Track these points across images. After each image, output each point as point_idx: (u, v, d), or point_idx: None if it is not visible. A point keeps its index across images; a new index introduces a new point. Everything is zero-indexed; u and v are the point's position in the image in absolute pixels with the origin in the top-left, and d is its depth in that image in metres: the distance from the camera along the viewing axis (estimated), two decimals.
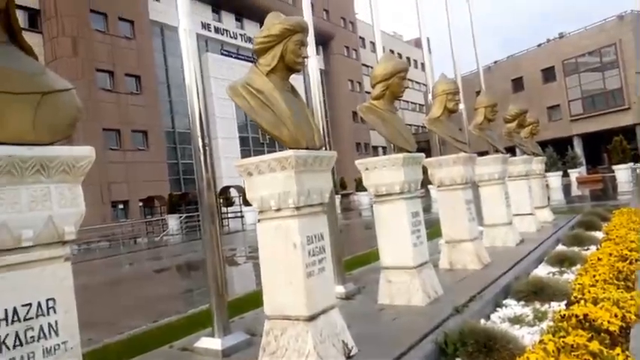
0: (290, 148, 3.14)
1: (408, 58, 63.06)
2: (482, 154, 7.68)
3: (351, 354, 3.20)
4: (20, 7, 26.78)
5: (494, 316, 4.22)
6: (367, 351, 3.27)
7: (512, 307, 4.44)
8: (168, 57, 35.82)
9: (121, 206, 30.18)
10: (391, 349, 3.28)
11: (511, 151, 8.99)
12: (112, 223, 26.55)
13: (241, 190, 26.91)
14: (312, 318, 3.05)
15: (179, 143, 36.06)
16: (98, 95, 28.71)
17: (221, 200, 26.67)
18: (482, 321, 4.01)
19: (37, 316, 1.77)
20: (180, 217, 27.13)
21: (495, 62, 50.20)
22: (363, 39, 58.74)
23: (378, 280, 4.78)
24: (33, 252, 1.80)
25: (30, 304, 1.75)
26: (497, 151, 7.70)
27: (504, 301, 4.61)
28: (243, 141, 39.99)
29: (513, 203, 8.10)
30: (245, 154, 38.18)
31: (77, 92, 2.21)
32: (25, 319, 1.73)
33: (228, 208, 28.20)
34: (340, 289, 5.12)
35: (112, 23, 30.67)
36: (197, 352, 3.73)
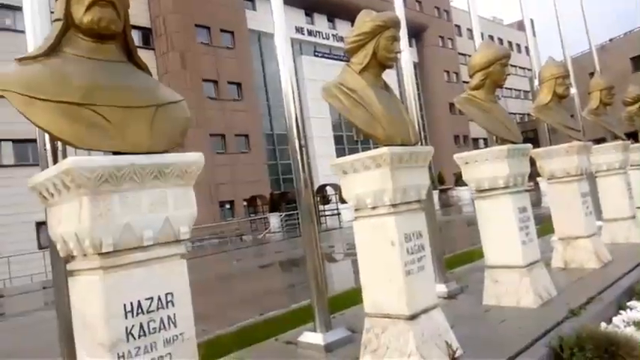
0: (385, 145, 3.11)
1: (510, 43, 59.15)
2: (598, 141, 6.98)
3: (456, 355, 3.09)
4: (135, 27, 29.66)
5: (616, 320, 3.82)
6: (473, 353, 3.13)
7: (638, 309, 3.98)
8: (265, 62, 37.38)
9: (227, 206, 32.17)
10: (499, 352, 3.11)
11: (632, 136, 8.05)
12: (220, 222, 28.40)
13: (337, 188, 27.28)
14: (413, 317, 3.00)
15: (277, 144, 37.48)
16: (205, 104, 30.84)
17: (318, 198, 27.28)
18: (603, 324, 3.64)
19: (158, 309, 1.95)
20: (281, 215, 28.22)
21: (611, 40, 45.15)
22: (459, 27, 56.25)
23: (482, 279, 4.56)
24: (153, 250, 1.99)
25: (152, 298, 1.94)
26: (616, 137, 6.94)
27: (628, 303, 4.15)
28: (338, 140, 40.44)
29: (635, 194, 7.26)
30: (340, 152, 38.59)
31: (186, 102, 2.40)
32: (147, 312, 1.92)
33: (325, 206, 28.72)
34: (442, 288, 4.96)
35: (214, 35, 32.75)
36: (301, 346, 3.86)
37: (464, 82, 51.22)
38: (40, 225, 22.47)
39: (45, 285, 17.40)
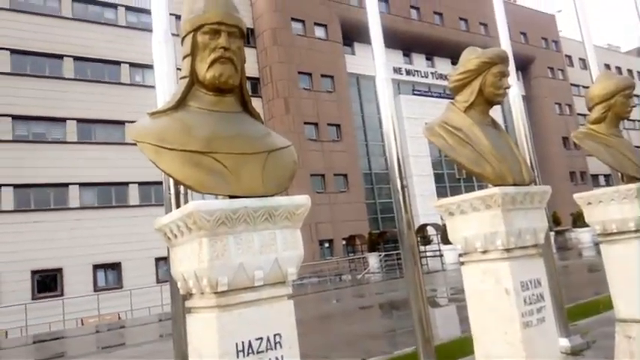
0: (495, 185, 2.95)
1: (630, 71, 54.07)
2: None
3: None
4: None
5: None
6: None
7: None
8: (363, 104, 38.15)
9: (326, 244, 32.53)
10: None
11: None
12: (320, 260, 28.71)
13: (439, 228, 26.29)
14: None
15: (376, 183, 37.45)
16: (306, 145, 32.08)
17: (418, 239, 26.47)
18: None
19: (267, 349, 1.99)
20: (380, 255, 27.78)
21: None
22: (569, 57, 52.85)
23: (611, 333, 4.02)
24: (263, 290, 2.05)
25: (261, 339, 1.99)
26: None
27: None
28: (438, 178, 39.37)
29: None
30: (440, 191, 37.42)
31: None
32: (257, 352, 1.97)
33: (426, 247, 27.77)
34: (564, 343, 4.47)
35: (315, 81, 34.34)
36: None
37: (579, 114, 47.46)
38: (159, 260, 24.51)
39: (161, 317, 18.74)
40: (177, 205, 2.94)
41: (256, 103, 32.30)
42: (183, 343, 2.58)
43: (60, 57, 24.98)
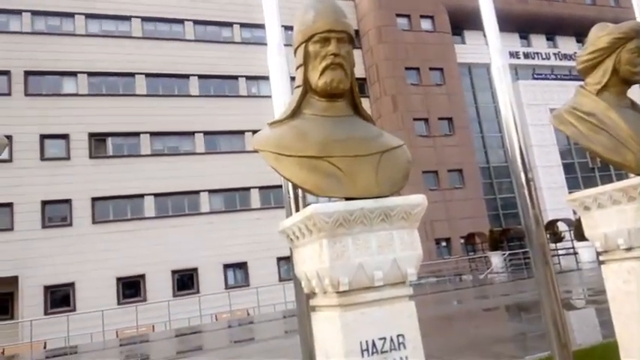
0: (637, 175, 2.62)
1: None
2: None
3: None
4: None
5: None
6: None
7: None
8: (477, 94, 36.28)
9: (443, 243, 31.50)
10: None
11: None
12: (437, 260, 27.88)
13: (571, 224, 23.95)
14: None
15: (495, 178, 35.34)
16: (416, 142, 31.41)
17: (547, 235, 24.37)
18: None
19: (391, 349, 2.00)
20: (504, 254, 26.12)
21: None
22: None
23: None
24: (384, 291, 2.07)
25: (384, 339, 2.00)
26: None
27: None
28: (568, 168, 35.86)
29: None
30: (571, 182, 34.10)
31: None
32: (381, 352, 1.99)
33: (557, 244, 25.45)
34: None
35: (424, 75, 33.49)
36: None
37: None
38: (280, 260, 25.83)
39: (285, 314, 19.72)
40: (297, 208, 3.09)
41: (364, 103, 32.19)
42: (309, 340, 2.70)
43: (187, 77, 27.64)
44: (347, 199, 2.18)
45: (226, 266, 25.55)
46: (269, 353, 10.36)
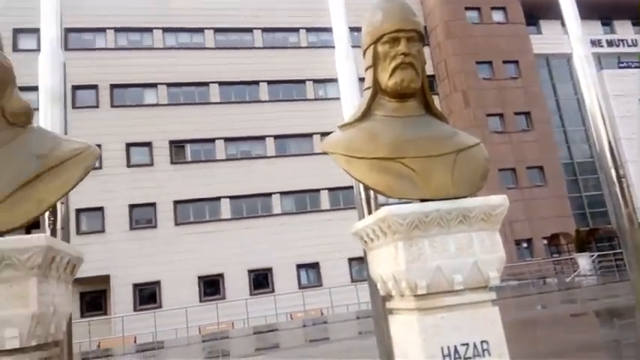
0: None
1: None
2: None
3: None
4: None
5: None
6: None
7: None
8: (557, 86, 34.14)
9: (524, 245, 29.92)
10: None
11: None
12: (518, 262, 26.51)
13: None
14: None
15: (580, 174, 33.01)
16: (491, 138, 30.10)
17: None
18: None
19: (474, 356, 1.93)
20: (592, 255, 24.31)
21: None
22: None
23: None
24: (464, 295, 2.00)
25: (467, 345, 1.94)
26: None
27: None
28: None
29: None
30: None
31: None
32: (464, 358, 1.92)
33: None
34: None
35: (497, 68, 32.05)
36: None
37: None
38: (352, 261, 25.86)
39: (358, 315, 19.69)
40: (369, 210, 3.08)
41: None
42: (386, 342, 2.68)
43: (257, 83, 28.53)
44: (421, 200, 2.14)
45: (299, 266, 26.01)
46: (345, 353, 10.39)
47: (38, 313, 1.85)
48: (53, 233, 2.62)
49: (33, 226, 2.29)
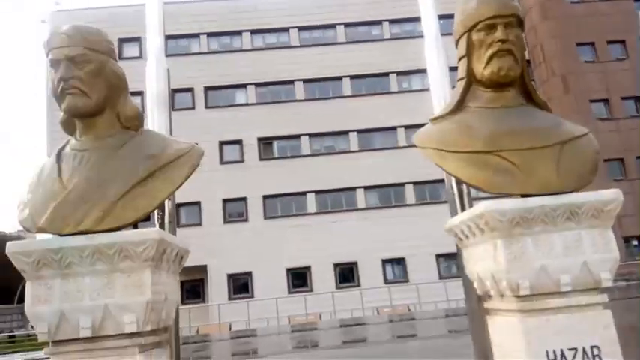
0: None
1: None
2: None
3: None
4: None
5: None
6: None
7: None
8: None
9: (634, 242, 27.12)
10: None
11: None
12: (627, 261, 24.07)
13: None
14: None
15: None
16: (595, 126, 27.48)
17: None
18: None
19: None
20: None
21: None
22: None
23: None
24: (571, 297, 1.86)
25: (575, 349, 1.80)
26: None
27: None
28: None
29: None
30: None
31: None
32: None
33: None
34: None
35: (600, 50, 29.26)
36: None
37: None
38: (439, 257, 25.18)
39: (447, 313, 19.16)
40: (462, 205, 2.97)
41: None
42: (482, 342, 2.58)
43: (339, 78, 28.67)
44: (522, 196, 2.02)
45: (385, 261, 25.84)
46: (435, 352, 10.14)
47: (152, 301, 2.03)
48: (161, 227, 2.84)
49: (143, 220, 2.50)
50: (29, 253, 1.99)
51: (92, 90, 2.15)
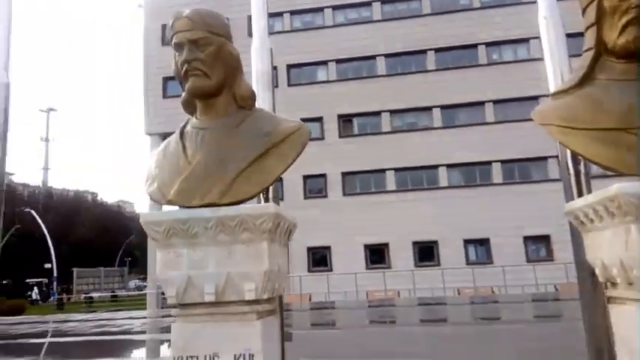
0: None
1: None
2: None
3: None
4: None
5: None
6: None
7: None
8: None
9: None
10: None
11: None
12: None
13: None
14: None
15: None
16: None
17: None
18: None
19: None
20: None
21: None
22: None
23: None
24: None
25: None
26: None
27: None
28: None
29: None
30: None
31: None
32: None
33: None
34: None
35: None
36: None
37: None
38: (527, 239, 23.95)
39: (534, 297, 18.31)
40: (579, 187, 2.78)
41: None
42: (598, 331, 2.44)
43: (424, 52, 27.70)
44: None
45: (467, 242, 25.10)
46: (524, 337, 9.77)
47: (269, 271, 2.14)
48: (266, 201, 2.96)
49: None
50: (160, 223, 2.16)
51: (212, 71, 2.26)
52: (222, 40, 2.32)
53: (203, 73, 2.25)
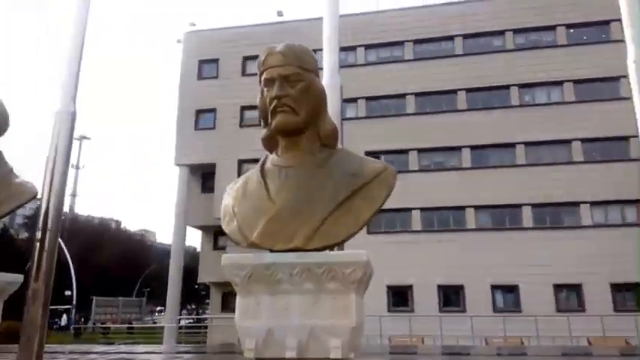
0: None
1: None
2: None
3: None
4: None
5: None
6: None
7: None
8: None
9: None
10: None
11: None
12: None
13: None
14: None
15: None
16: None
17: None
18: None
19: None
20: None
21: None
22: None
23: None
24: None
25: None
26: None
27: None
28: None
29: None
30: None
31: None
32: None
33: None
34: None
35: None
36: None
37: None
38: (558, 287, 22.97)
39: (564, 351, 17.36)
40: None
41: None
42: None
43: (454, 92, 27.63)
44: None
45: (494, 287, 24.19)
46: None
47: (357, 326, 1.95)
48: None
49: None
50: (242, 267, 2.01)
51: (301, 107, 2.17)
52: (312, 77, 2.24)
53: (292, 110, 2.15)
